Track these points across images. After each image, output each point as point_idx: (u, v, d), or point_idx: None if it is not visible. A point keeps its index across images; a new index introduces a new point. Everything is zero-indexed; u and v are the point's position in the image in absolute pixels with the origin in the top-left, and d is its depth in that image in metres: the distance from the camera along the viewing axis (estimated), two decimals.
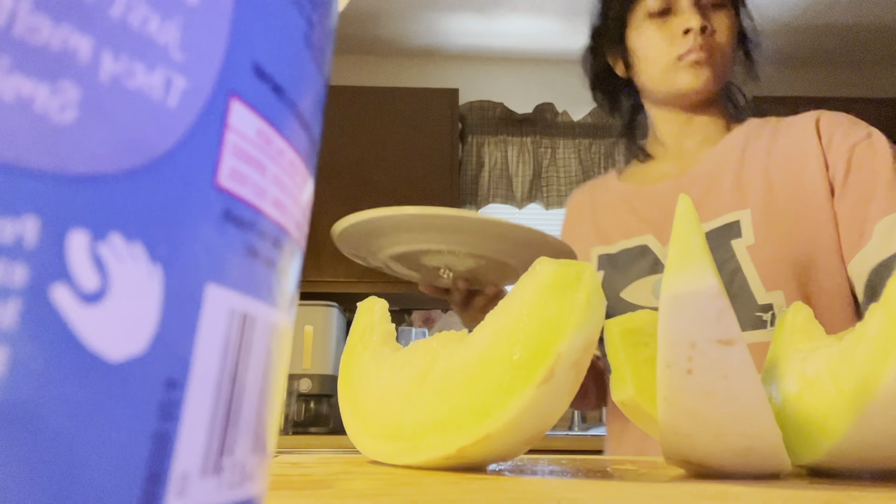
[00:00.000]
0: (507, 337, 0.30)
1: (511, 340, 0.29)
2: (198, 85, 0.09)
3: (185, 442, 0.08)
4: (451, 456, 0.30)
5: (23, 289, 0.07)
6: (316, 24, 0.11)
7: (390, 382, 0.34)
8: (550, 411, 0.29)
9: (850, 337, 0.28)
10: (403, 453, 0.32)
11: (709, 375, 0.25)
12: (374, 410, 0.35)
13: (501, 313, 0.31)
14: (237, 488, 0.10)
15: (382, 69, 2.81)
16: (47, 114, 0.07)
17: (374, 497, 0.21)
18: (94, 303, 0.07)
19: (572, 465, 0.38)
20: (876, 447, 0.26)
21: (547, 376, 0.28)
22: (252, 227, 0.10)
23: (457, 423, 0.30)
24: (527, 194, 2.68)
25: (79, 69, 0.07)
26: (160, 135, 0.08)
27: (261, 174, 0.10)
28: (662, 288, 0.25)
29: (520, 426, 0.29)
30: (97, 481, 0.07)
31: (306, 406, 2.06)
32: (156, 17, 0.08)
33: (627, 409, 0.36)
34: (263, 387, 0.10)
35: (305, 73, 0.11)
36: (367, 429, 0.34)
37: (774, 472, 0.27)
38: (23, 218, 0.07)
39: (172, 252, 0.08)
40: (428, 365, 0.33)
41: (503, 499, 0.21)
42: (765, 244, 0.72)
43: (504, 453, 0.31)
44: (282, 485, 0.25)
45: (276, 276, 0.11)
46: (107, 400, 0.07)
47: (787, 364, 0.33)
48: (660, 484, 0.26)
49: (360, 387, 0.37)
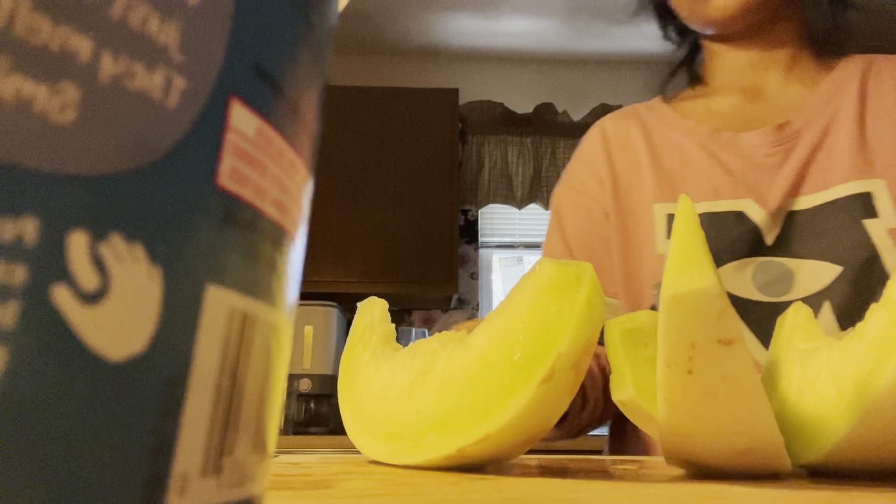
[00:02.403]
0: (507, 337, 0.30)
1: (511, 341, 0.29)
2: (198, 85, 0.09)
3: (185, 442, 0.08)
4: (450, 456, 0.30)
5: (23, 289, 0.07)
6: (316, 24, 0.11)
7: (390, 382, 0.34)
8: (550, 411, 0.29)
9: (850, 337, 0.28)
10: (403, 453, 0.32)
11: (709, 375, 0.25)
12: (373, 410, 0.35)
13: (501, 313, 0.31)
14: (237, 488, 0.10)
15: (382, 69, 2.81)
16: (47, 114, 0.07)
17: (374, 497, 0.21)
18: (94, 303, 0.07)
19: (572, 465, 0.38)
20: (876, 447, 0.26)
21: (547, 376, 0.28)
22: (252, 227, 0.10)
23: (457, 423, 0.30)
24: (527, 194, 2.68)
25: (79, 69, 0.07)
26: (160, 135, 0.08)
27: (261, 174, 0.10)
28: (662, 288, 0.25)
29: (520, 426, 0.29)
30: (97, 481, 0.07)
31: (306, 406, 2.06)
32: (156, 18, 0.08)
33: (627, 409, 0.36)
34: (263, 387, 0.10)
35: (305, 73, 0.11)
36: (367, 428, 0.35)
37: (774, 472, 0.27)
38: (23, 218, 0.07)
39: (172, 252, 0.08)
40: (428, 365, 0.33)
41: (503, 499, 0.21)
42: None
43: (504, 453, 0.31)
44: (282, 485, 0.25)
45: (276, 276, 0.11)
46: (107, 400, 0.07)
47: (787, 364, 0.33)
48: (660, 484, 0.26)
49: (359, 387, 0.37)
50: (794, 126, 0.64)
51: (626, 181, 0.69)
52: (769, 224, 0.61)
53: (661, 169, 0.67)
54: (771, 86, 0.68)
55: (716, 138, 0.66)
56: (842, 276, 0.58)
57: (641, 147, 0.69)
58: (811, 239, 0.60)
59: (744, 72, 0.69)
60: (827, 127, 0.63)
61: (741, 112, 0.68)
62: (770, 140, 0.64)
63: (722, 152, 0.65)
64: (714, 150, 0.65)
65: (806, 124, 0.64)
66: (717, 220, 0.62)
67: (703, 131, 0.67)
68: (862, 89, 0.64)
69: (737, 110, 0.68)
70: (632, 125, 0.72)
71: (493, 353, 0.30)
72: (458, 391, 0.30)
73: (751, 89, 0.69)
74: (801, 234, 0.60)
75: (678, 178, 0.66)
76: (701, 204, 0.63)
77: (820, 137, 0.62)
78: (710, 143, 0.66)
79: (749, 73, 0.69)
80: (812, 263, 0.59)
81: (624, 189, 0.69)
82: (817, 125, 0.63)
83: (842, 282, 0.58)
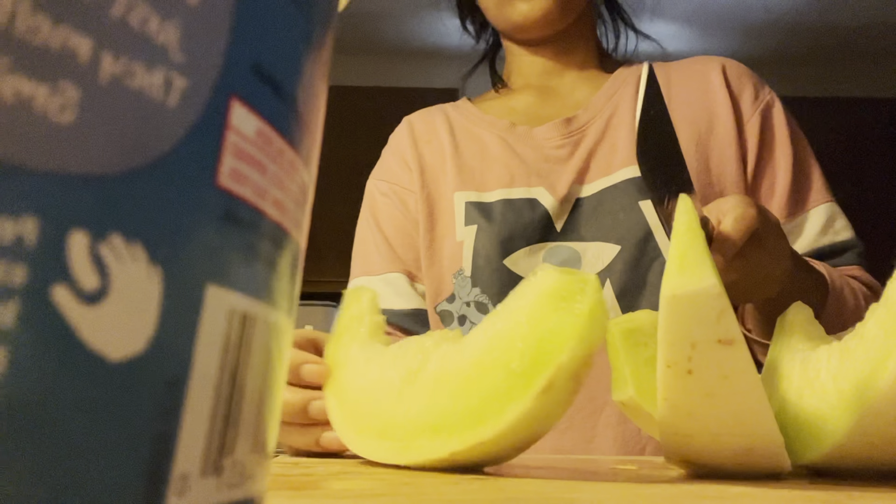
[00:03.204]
0: (506, 344, 0.29)
1: (509, 348, 0.29)
2: (198, 85, 0.09)
3: (185, 442, 0.08)
4: (442, 459, 0.29)
5: (23, 289, 0.07)
6: (316, 24, 0.11)
7: (380, 379, 0.34)
8: (547, 422, 0.29)
9: (850, 337, 0.28)
10: (393, 453, 0.31)
11: (709, 375, 0.25)
12: (361, 406, 0.34)
13: (499, 318, 0.31)
14: (237, 488, 0.10)
15: (382, 69, 2.81)
16: (47, 114, 0.07)
17: (374, 497, 0.21)
18: (94, 303, 0.07)
19: (572, 465, 0.38)
20: (876, 447, 0.26)
21: (546, 387, 0.27)
22: (252, 227, 0.10)
23: (449, 428, 0.29)
24: None
25: (79, 69, 0.07)
26: (160, 135, 0.08)
27: (261, 174, 0.10)
28: (662, 288, 0.25)
29: (514, 435, 0.28)
30: (97, 481, 0.07)
31: None
32: (156, 17, 0.08)
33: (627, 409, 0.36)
34: (263, 387, 0.10)
35: (305, 73, 0.11)
36: (354, 423, 0.34)
37: (774, 472, 0.27)
38: (23, 218, 0.07)
39: (172, 252, 0.08)
40: (420, 364, 0.33)
41: (503, 499, 0.21)
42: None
43: (497, 459, 0.31)
44: (282, 485, 0.25)
45: (276, 276, 0.11)
46: (107, 400, 0.07)
47: (787, 364, 0.33)
48: (660, 484, 0.26)
49: (347, 380, 0.36)
50: (581, 120, 0.70)
51: (431, 171, 0.73)
52: (558, 210, 0.66)
53: (461, 159, 0.72)
54: (563, 87, 0.75)
55: (512, 131, 0.72)
56: (619, 255, 0.63)
57: (445, 139, 0.74)
58: (595, 222, 0.65)
59: (539, 75, 0.76)
60: (609, 120, 0.69)
61: (535, 109, 0.74)
62: (560, 133, 0.69)
63: (517, 144, 0.71)
64: (511, 142, 0.71)
65: (591, 118, 0.70)
66: (512, 206, 0.66)
67: (502, 125, 0.73)
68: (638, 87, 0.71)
69: (532, 107, 0.75)
70: (437, 120, 0.77)
71: (490, 359, 0.29)
72: (451, 394, 0.30)
73: (545, 89, 0.75)
74: (587, 218, 0.66)
75: (477, 169, 0.70)
76: (497, 191, 0.68)
77: (603, 130, 0.69)
78: (507, 135, 0.72)
79: (544, 76, 0.76)
80: (596, 245, 0.64)
81: (430, 179, 0.73)
82: (600, 119, 0.69)
83: (619, 261, 0.63)
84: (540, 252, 0.65)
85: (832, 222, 0.65)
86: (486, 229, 0.66)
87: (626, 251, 0.63)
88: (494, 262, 0.65)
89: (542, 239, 0.65)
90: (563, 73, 0.75)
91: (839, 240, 0.65)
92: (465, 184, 0.70)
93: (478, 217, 0.67)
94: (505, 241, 0.65)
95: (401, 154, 0.76)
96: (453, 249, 0.68)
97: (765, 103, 0.68)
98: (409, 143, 0.76)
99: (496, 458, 0.31)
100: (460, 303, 0.67)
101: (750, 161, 0.67)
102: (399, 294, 0.70)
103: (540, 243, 0.65)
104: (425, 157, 0.74)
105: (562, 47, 0.74)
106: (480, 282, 0.66)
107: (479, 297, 0.66)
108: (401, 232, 0.73)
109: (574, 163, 0.67)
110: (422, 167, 0.73)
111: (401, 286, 0.71)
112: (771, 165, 0.67)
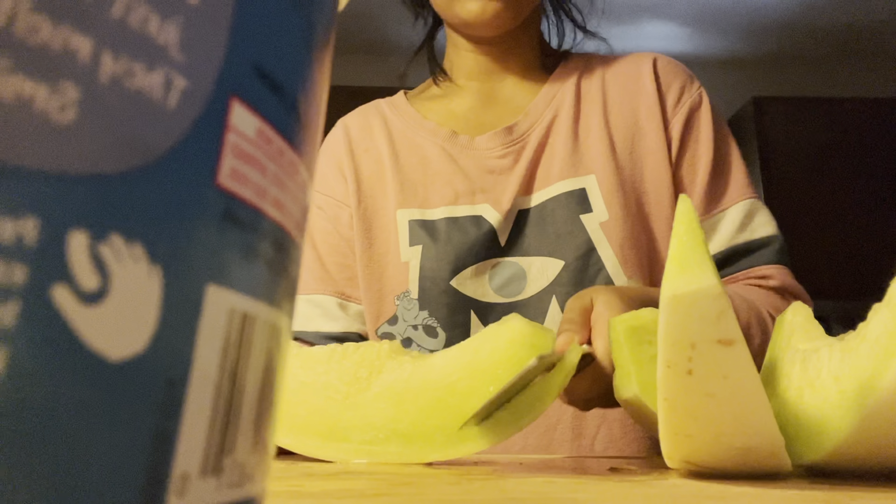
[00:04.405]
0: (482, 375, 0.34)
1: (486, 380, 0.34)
2: (198, 85, 0.09)
3: (185, 442, 0.08)
4: (418, 464, 0.34)
5: (23, 289, 0.07)
6: (316, 24, 0.11)
7: (316, 382, 0.37)
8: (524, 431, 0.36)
9: (852, 337, 0.28)
10: (346, 453, 0.35)
11: (709, 376, 0.25)
12: (294, 406, 0.36)
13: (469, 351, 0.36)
14: (237, 488, 0.10)
15: (382, 69, 2.81)
16: (47, 114, 0.07)
17: (374, 497, 0.21)
18: (94, 303, 0.07)
19: (572, 465, 0.38)
20: (877, 447, 0.25)
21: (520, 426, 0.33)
22: (252, 227, 0.10)
23: (425, 438, 0.33)
24: None
25: (79, 69, 0.07)
26: (160, 135, 0.08)
27: (261, 174, 0.10)
28: (662, 288, 0.25)
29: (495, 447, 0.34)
30: (98, 481, 0.07)
31: None
32: (156, 17, 0.08)
33: (631, 408, 0.36)
34: (263, 387, 0.10)
35: (305, 73, 0.11)
36: (285, 421, 0.36)
37: (774, 472, 0.27)
38: (23, 218, 0.07)
39: (172, 252, 0.08)
40: (370, 374, 0.36)
41: (503, 499, 0.21)
42: (618, 220, 0.62)
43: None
44: (282, 485, 0.25)
45: (276, 276, 0.11)
46: (107, 399, 0.07)
47: (787, 364, 0.33)
48: (660, 484, 0.26)
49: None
50: (522, 127, 0.67)
51: (369, 185, 0.69)
52: (503, 225, 0.64)
53: (402, 173, 0.68)
54: (504, 91, 0.72)
55: (454, 141, 0.68)
56: (563, 271, 0.62)
57: (384, 149, 0.70)
58: (538, 236, 0.64)
59: (481, 76, 0.73)
60: (549, 127, 0.67)
61: (476, 115, 0.71)
62: (502, 142, 0.67)
63: (460, 156, 0.67)
64: (453, 154, 0.68)
65: (531, 125, 0.67)
66: (457, 224, 0.64)
67: (443, 134, 0.69)
68: (577, 89, 0.69)
69: (472, 113, 0.72)
70: (375, 125, 0.73)
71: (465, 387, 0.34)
72: (423, 409, 0.34)
73: (486, 93, 0.73)
74: (530, 232, 0.64)
75: (420, 183, 0.67)
76: (441, 209, 0.65)
77: (544, 137, 0.66)
78: (449, 146, 0.68)
79: (486, 76, 0.73)
80: (540, 260, 0.63)
81: (368, 193, 0.69)
82: (541, 125, 0.67)
83: (564, 276, 0.62)
84: (487, 270, 0.63)
85: (750, 219, 0.63)
86: (432, 249, 0.63)
87: (570, 266, 0.62)
88: (442, 284, 0.62)
89: (487, 256, 0.63)
90: (505, 76, 0.72)
91: (756, 237, 0.63)
92: (408, 201, 0.66)
93: (423, 237, 0.64)
94: (452, 262, 0.63)
95: (336, 162, 0.72)
96: (398, 270, 0.65)
97: (689, 102, 0.67)
98: (346, 151, 0.72)
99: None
100: (405, 325, 0.64)
101: (672, 159, 0.66)
102: (328, 316, 0.67)
103: (487, 259, 0.63)
104: (362, 167, 0.70)
105: (507, 47, 0.71)
106: (428, 304, 0.63)
107: (427, 321, 0.64)
108: (334, 250, 0.69)
109: (517, 173, 0.65)
110: (358, 179, 0.69)
111: (330, 308, 0.67)
112: (692, 164, 0.66)
